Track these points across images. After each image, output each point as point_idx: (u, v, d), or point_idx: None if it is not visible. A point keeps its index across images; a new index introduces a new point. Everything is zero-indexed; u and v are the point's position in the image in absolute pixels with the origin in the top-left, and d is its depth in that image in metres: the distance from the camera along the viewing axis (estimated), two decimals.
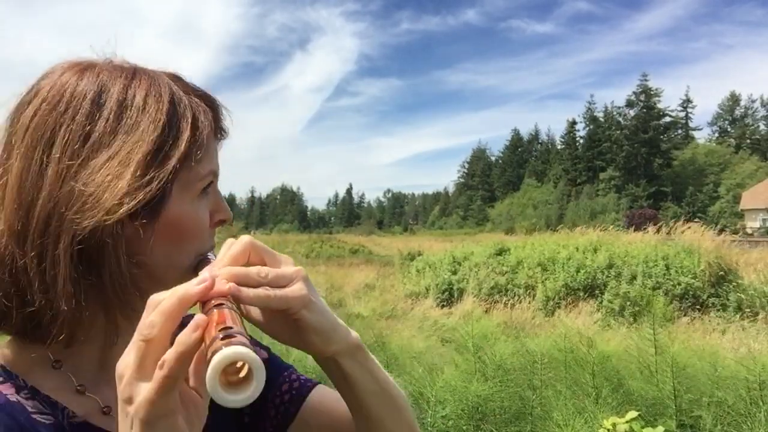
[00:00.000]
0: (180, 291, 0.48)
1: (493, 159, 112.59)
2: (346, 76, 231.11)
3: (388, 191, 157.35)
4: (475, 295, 13.54)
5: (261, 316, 0.62)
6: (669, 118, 77.62)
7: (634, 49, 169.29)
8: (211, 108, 0.68)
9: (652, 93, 75.11)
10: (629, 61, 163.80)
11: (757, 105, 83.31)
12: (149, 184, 0.57)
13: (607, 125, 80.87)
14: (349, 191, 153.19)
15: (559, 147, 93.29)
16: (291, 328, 0.60)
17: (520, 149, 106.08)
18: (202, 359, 0.45)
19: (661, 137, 74.81)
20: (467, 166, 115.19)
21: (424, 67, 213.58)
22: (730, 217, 56.68)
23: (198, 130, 0.63)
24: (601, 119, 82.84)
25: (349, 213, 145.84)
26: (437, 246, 24.14)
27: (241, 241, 0.59)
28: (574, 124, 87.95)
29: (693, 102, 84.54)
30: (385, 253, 30.58)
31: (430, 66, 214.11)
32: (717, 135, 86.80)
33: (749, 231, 44.69)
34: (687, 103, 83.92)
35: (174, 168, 0.59)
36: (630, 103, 76.79)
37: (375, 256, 29.57)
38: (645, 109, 74.55)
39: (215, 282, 0.51)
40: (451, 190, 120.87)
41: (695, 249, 12.69)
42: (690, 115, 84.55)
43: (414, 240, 39.81)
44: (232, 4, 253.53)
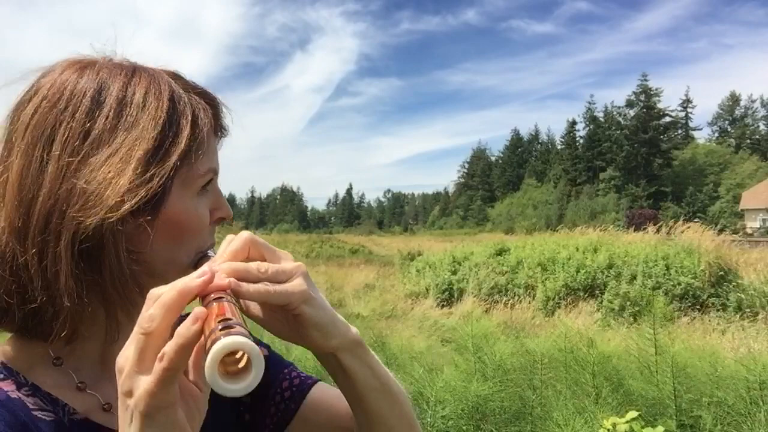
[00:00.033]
0: (180, 284, 0.49)
1: (493, 159, 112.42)
2: (347, 76, 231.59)
3: (388, 191, 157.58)
4: (475, 295, 13.54)
5: (261, 312, 0.62)
6: (669, 118, 77.52)
7: (634, 49, 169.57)
8: (211, 106, 0.68)
9: (652, 93, 75.05)
10: (629, 61, 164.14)
11: (757, 105, 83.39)
12: (150, 181, 0.57)
13: (607, 125, 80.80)
14: (349, 191, 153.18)
15: (559, 147, 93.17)
16: (291, 323, 0.60)
17: (520, 149, 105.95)
18: (202, 352, 0.45)
19: (661, 137, 74.71)
20: (467, 166, 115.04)
21: (424, 67, 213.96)
22: (730, 217, 56.65)
23: (198, 127, 0.63)
24: (601, 119, 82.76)
25: (349, 213, 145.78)
26: (437, 246, 24.14)
27: (240, 237, 0.59)
28: (574, 124, 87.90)
29: (693, 102, 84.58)
30: (385, 253, 30.60)
31: (430, 66, 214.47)
32: (717, 135, 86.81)
33: (749, 231, 44.70)
34: (687, 103, 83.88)
35: (174, 165, 0.59)
36: (630, 103, 76.73)
37: (375, 256, 29.57)
38: (645, 109, 74.49)
39: (215, 276, 0.51)
40: (451, 190, 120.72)
41: (695, 249, 12.70)
42: (690, 115, 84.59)
43: (414, 240, 39.83)
44: (232, 4, 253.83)
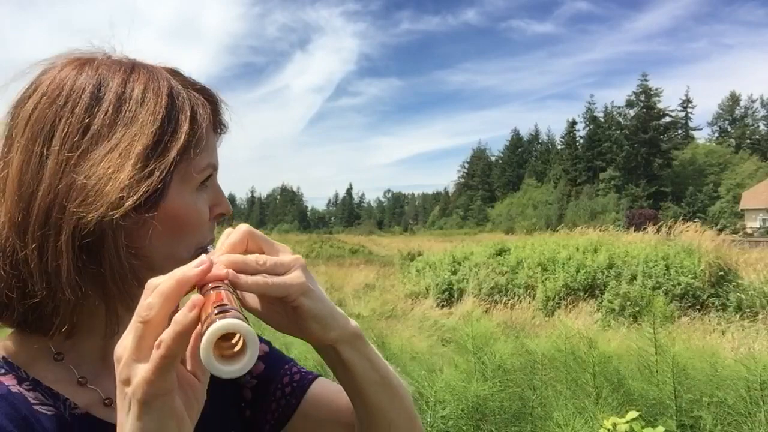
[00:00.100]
0: (178, 273, 0.49)
1: (493, 159, 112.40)
2: (347, 76, 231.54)
3: (388, 191, 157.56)
4: (475, 295, 13.55)
5: (259, 304, 0.62)
6: (669, 118, 77.48)
7: (634, 49, 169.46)
8: (210, 102, 0.68)
9: (652, 93, 75.03)
10: (629, 61, 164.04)
11: (757, 105, 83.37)
12: (150, 177, 0.58)
13: (607, 125, 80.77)
14: (349, 191, 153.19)
15: (559, 147, 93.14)
16: (289, 315, 0.60)
17: (520, 149, 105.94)
18: (199, 340, 0.45)
19: (661, 137, 74.69)
20: (467, 166, 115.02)
21: (424, 67, 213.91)
22: (730, 217, 56.67)
23: (196, 123, 0.63)
24: (601, 119, 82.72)
25: (349, 213, 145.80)
26: (437, 246, 24.16)
27: (239, 230, 0.59)
28: (574, 124, 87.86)
29: (693, 102, 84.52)
30: (385, 253, 30.62)
31: (430, 66, 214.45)
32: (717, 135, 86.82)
33: (749, 231, 44.71)
34: (687, 103, 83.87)
35: (173, 160, 0.60)
36: (630, 103, 76.70)
37: (375, 256, 29.59)
38: (645, 109, 74.47)
39: (213, 266, 0.51)
40: (451, 190, 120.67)
41: (695, 249, 12.72)
42: (690, 115, 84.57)
43: (414, 240, 39.88)
44: (232, 4, 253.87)
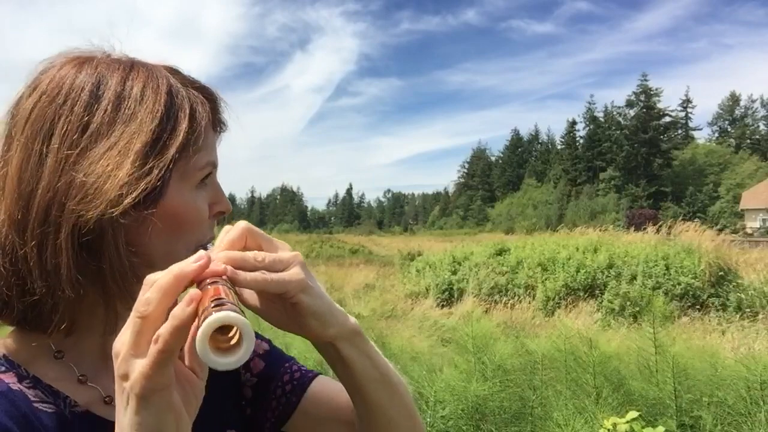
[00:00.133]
0: (176, 268, 0.49)
1: (493, 159, 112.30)
2: (347, 76, 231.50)
3: (388, 191, 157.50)
4: (475, 295, 13.55)
5: (258, 301, 0.62)
6: (669, 118, 77.43)
7: (634, 49, 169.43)
8: (209, 100, 0.68)
9: (652, 93, 74.99)
10: (629, 61, 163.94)
11: (757, 105, 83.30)
12: (149, 174, 0.58)
13: (607, 125, 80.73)
14: (349, 191, 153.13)
15: (559, 147, 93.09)
16: (288, 312, 0.60)
17: (520, 149, 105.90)
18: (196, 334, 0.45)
19: (661, 137, 74.65)
20: (467, 166, 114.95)
21: (424, 67, 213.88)
22: (730, 217, 56.65)
23: (195, 120, 0.63)
24: (601, 119, 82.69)
25: (349, 213, 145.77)
26: (437, 246, 24.16)
27: (237, 227, 0.59)
28: (574, 124, 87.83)
29: (693, 102, 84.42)
30: (385, 253, 30.61)
31: (430, 66, 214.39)
32: (717, 135, 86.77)
33: (749, 231, 44.69)
34: (687, 103, 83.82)
35: (173, 158, 0.60)
36: (630, 103, 76.66)
37: (375, 256, 29.58)
38: (645, 109, 74.44)
39: (211, 262, 0.51)
40: (451, 190, 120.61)
41: (695, 249, 12.72)
42: (690, 115, 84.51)
43: (414, 240, 39.89)
44: (232, 4, 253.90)
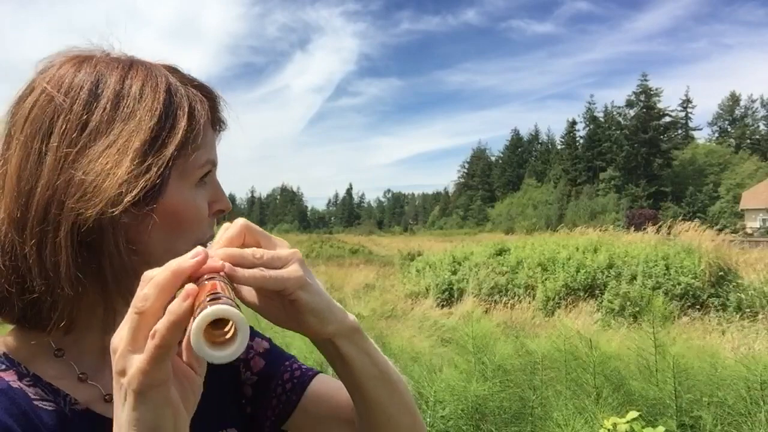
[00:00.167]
0: (173, 265, 0.49)
1: (493, 159, 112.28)
2: (347, 76, 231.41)
3: (388, 191, 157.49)
4: (475, 295, 13.55)
5: (256, 298, 0.62)
6: (669, 118, 77.41)
7: (634, 49, 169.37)
8: (209, 99, 0.68)
9: (652, 93, 74.97)
10: (629, 61, 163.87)
11: (757, 105, 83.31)
12: (148, 172, 0.58)
13: (607, 125, 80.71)
14: (349, 191, 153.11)
15: (559, 147, 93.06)
16: (287, 309, 0.60)
17: (520, 149, 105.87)
18: None
19: (661, 137, 74.63)
20: (467, 166, 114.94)
21: (424, 67, 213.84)
22: (730, 217, 56.63)
23: (194, 119, 0.63)
24: (601, 119, 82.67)
25: (349, 213, 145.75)
26: (437, 246, 24.16)
27: (236, 224, 0.59)
28: (574, 124, 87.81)
29: (693, 102, 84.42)
30: (385, 253, 30.61)
31: (430, 66, 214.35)
32: (717, 135, 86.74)
33: (749, 231, 44.68)
34: (687, 103, 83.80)
35: (171, 156, 0.60)
36: (630, 103, 76.65)
37: (375, 256, 29.57)
38: (645, 109, 74.42)
39: (209, 258, 0.51)
40: (451, 190, 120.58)
41: (695, 249, 12.72)
42: (690, 115, 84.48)
43: (414, 240, 39.90)
44: (232, 4, 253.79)
